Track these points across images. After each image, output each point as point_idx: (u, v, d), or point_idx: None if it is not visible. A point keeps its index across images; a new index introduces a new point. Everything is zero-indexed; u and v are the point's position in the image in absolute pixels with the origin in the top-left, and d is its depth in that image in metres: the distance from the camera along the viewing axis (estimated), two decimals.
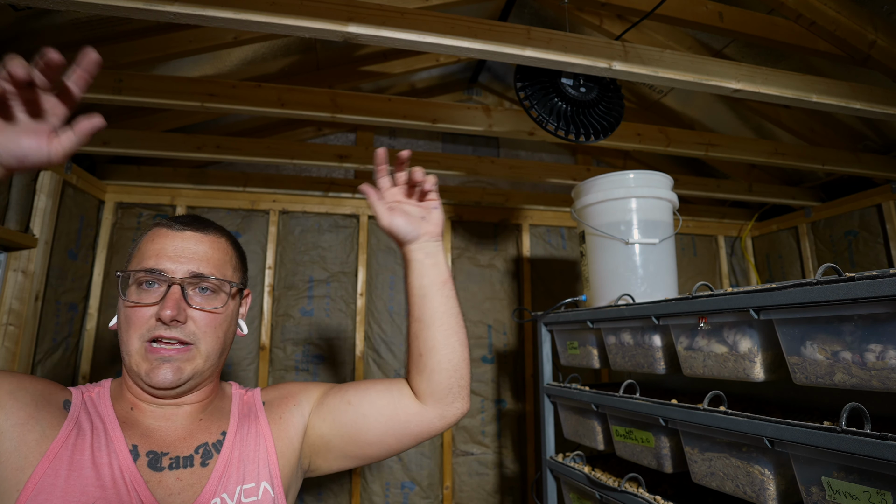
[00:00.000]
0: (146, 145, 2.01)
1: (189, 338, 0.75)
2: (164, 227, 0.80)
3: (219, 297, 0.80)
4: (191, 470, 0.74)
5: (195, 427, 0.79)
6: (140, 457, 0.71)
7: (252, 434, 0.81)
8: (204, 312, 0.77)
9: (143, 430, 0.75)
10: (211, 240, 0.82)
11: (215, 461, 0.76)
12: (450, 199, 2.66)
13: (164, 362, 0.73)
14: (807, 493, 0.83)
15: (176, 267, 0.76)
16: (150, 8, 1.08)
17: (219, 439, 0.79)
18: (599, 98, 1.55)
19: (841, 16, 1.63)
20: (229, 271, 0.83)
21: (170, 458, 0.73)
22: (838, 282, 0.78)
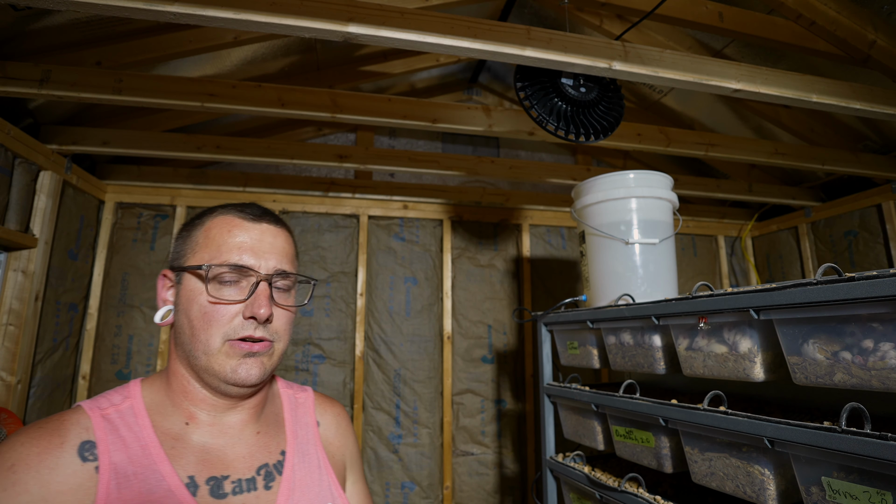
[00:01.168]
0: (146, 145, 2.01)
1: (272, 336, 0.70)
2: (236, 217, 0.72)
3: (292, 294, 0.76)
4: (255, 494, 0.68)
5: (253, 443, 0.73)
6: (199, 488, 0.64)
7: (312, 457, 0.77)
8: (284, 310, 0.72)
9: (197, 453, 0.67)
10: (284, 234, 0.76)
11: (279, 484, 0.70)
12: (450, 199, 2.66)
13: (250, 358, 0.68)
14: (807, 493, 0.83)
15: (262, 263, 0.70)
16: (150, 8, 1.08)
17: (279, 459, 0.73)
18: (599, 98, 1.55)
19: (841, 16, 1.63)
20: (297, 266, 0.79)
21: (231, 482, 0.67)
22: (838, 282, 0.78)
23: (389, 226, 2.61)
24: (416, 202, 2.63)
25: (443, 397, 2.46)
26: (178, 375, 0.70)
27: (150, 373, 2.22)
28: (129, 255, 2.29)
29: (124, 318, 2.24)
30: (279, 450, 0.74)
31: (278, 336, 0.71)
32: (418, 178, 2.84)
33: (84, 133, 1.95)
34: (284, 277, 0.72)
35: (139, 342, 2.24)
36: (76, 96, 1.59)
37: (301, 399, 0.85)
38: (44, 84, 1.56)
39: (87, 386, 2.13)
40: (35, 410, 1.86)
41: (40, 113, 1.91)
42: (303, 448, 0.77)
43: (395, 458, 2.37)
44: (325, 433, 0.83)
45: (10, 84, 1.54)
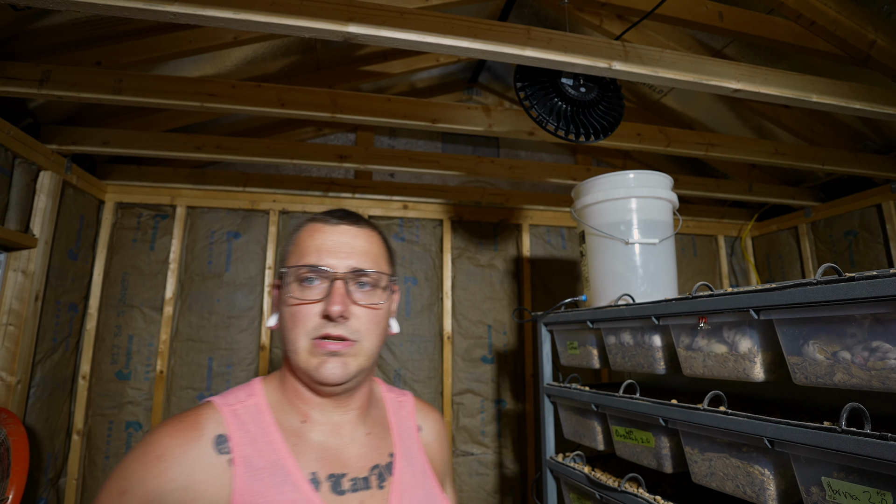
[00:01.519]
0: (146, 145, 2.01)
1: (353, 335, 0.71)
2: (319, 223, 0.76)
3: (377, 292, 0.75)
4: (370, 492, 0.71)
5: (365, 443, 0.76)
6: (321, 483, 0.68)
7: (416, 461, 0.80)
8: (366, 308, 0.73)
9: (316, 450, 0.71)
10: (366, 234, 0.77)
11: (390, 484, 0.74)
12: (450, 199, 2.66)
13: (332, 357, 0.70)
14: (807, 493, 0.83)
15: (337, 262, 0.72)
16: (150, 8, 1.08)
17: (389, 461, 0.77)
18: (599, 98, 1.55)
19: (841, 16, 1.63)
20: (384, 265, 0.78)
21: (349, 480, 0.71)
22: (838, 282, 0.78)
23: (389, 226, 2.61)
24: (416, 202, 2.63)
25: (443, 397, 2.46)
26: (289, 375, 0.75)
27: (151, 373, 2.22)
28: (129, 255, 2.29)
29: (124, 318, 2.24)
30: (388, 451, 0.78)
31: (360, 334, 0.72)
32: (418, 178, 2.84)
33: (84, 133, 1.95)
34: (362, 276, 0.73)
35: (139, 342, 2.24)
36: (76, 96, 1.59)
37: (402, 403, 0.87)
38: (44, 84, 1.56)
39: (86, 386, 2.13)
40: (35, 410, 1.86)
41: (40, 113, 1.91)
42: (408, 451, 0.80)
43: None
44: (426, 438, 0.85)
45: (10, 84, 1.53)
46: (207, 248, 2.39)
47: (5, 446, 1.39)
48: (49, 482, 1.94)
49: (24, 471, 1.36)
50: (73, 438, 2.08)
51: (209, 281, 2.35)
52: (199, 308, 2.32)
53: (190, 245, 2.38)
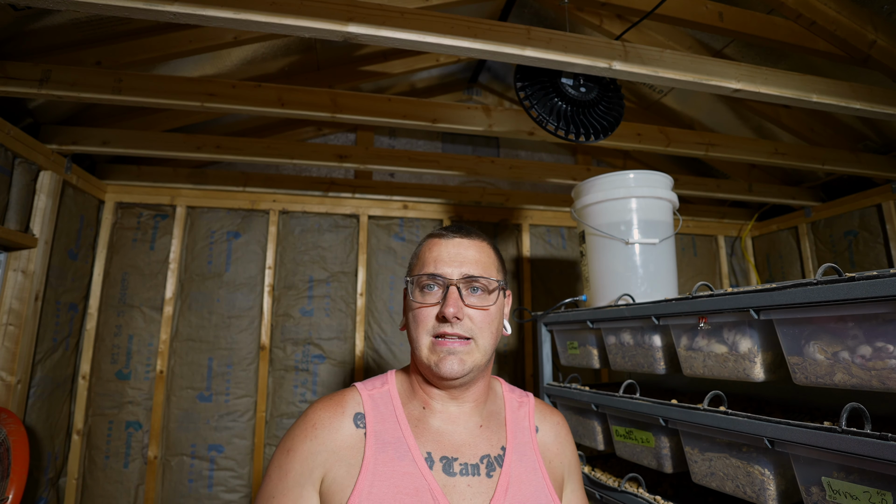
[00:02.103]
0: (146, 145, 2.01)
1: (468, 333, 0.81)
2: (436, 237, 0.89)
3: (489, 295, 0.85)
4: (478, 479, 0.79)
5: (478, 434, 0.84)
6: (434, 463, 0.78)
7: (527, 456, 0.85)
8: (478, 310, 0.82)
9: (434, 435, 0.81)
10: (477, 245, 0.88)
11: (499, 475, 0.80)
12: (450, 199, 2.66)
13: (450, 354, 0.79)
14: (807, 493, 0.83)
15: (451, 270, 0.83)
16: (150, 8, 1.08)
17: (500, 454, 0.83)
18: (599, 98, 1.55)
19: (841, 16, 1.63)
20: (494, 272, 0.87)
21: (460, 464, 0.79)
22: (838, 282, 0.78)
23: (389, 226, 2.61)
24: (416, 202, 2.63)
25: None
26: (414, 369, 0.87)
27: (151, 373, 2.22)
28: (129, 255, 2.29)
29: (124, 317, 2.24)
30: (500, 445, 0.84)
31: (475, 332, 0.81)
32: (418, 178, 2.84)
33: (84, 133, 1.95)
34: (474, 280, 0.83)
35: (139, 342, 2.24)
36: (76, 96, 1.59)
37: (523, 403, 0.93)
38: (44, 84, 1.56)
39: (86, 386, 2.13)
40: (35, 410, 1.86)
41: (40, 113, 1.91)
42: (521, 448, 0.86)
43: None
44: (543, 439, 0.90)
45: (10, 84, 1.53)
46: (207, 248, 2.39)
47: (5, 446, 1.39)
48: (49, 482, 1.94)
49: (24, 470, 1.36)
50: (73, 438, 2.08)
51: (209, 281, 2.35)
52: (199, 308, 2.32)
53: (190, 245, 2.38)
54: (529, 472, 0.83)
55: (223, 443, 2.22)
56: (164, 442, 2.18)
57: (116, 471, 2.12)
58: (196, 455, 2.19)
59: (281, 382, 2.34)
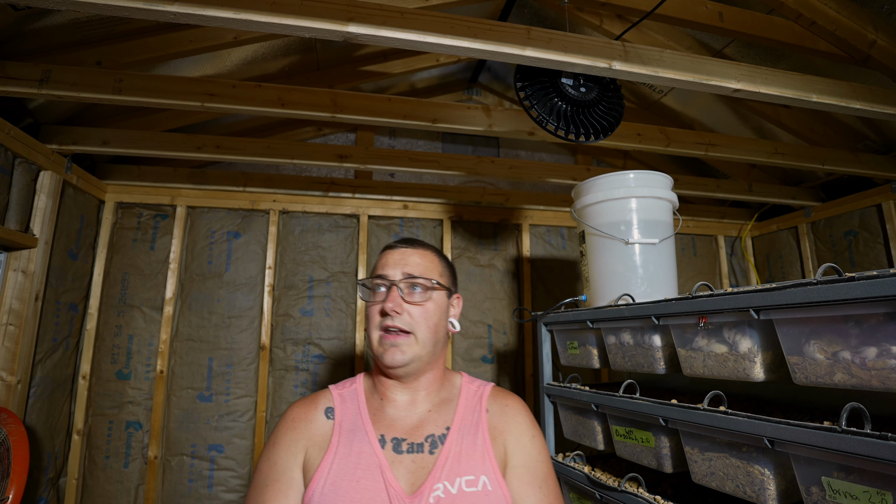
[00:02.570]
0: (146, 145, 2.01)
1: (407, 327, 0.94)
2: (387, 248, 1.04)
3: (426, 292, 0.97)
4: (421, 455, 0.91)
5: (426, 418, 0.97)
6: (386, 443, 0.92)
7: (471, 433, 0.96)
8: (416, 306, 0.95)
9: (388, 421, 0.96)
10: (420, 252, 1.02)
11: (440, 451, 0.92)
12: (450, 199, 2.66)
13: (393, 346, 0.93)
14: (807, 493, 0.83)
15: (394, 272, 0.97)
16: (150, 8, 1.08)
17: (443, 433, 0.95)
18: (599, 98, 1.55)
19: (841, 16, 1.63)
20: (435, 275, 1.00)
21: (407, 444, 0.93)
22: (838, 282, 0.78)
23: (389, 226, 2.61)
24: (416, 202, 2.63)
25: None
26: (376, 368, 1.02)
27: (151, 373, 2.22)
28: (129, 255, 2.29)
29: (124, 317, 2.24)
30: (445, 426, 0.96)
31: (414, 326, 0.94)
32: (418, 178, 2.84)
33: (84, 133, 1.95)
34: (414, 279, 0.97)
35: (139, 342, 2.24)
36: (76, 96, 1.59)
37: (479, 390, 1.05)
38: (44, 84, 1.56)
39: (87, 386, 2.13)
40: (35, 410, 1.86)
41: (40, 113, 1.91)
42: (467, 427, 0.97)
43: None
44: (492, 419, 1.00)
45: (10, 84, 1.53)
46: (207, 248, 2.39)
47: (5, 446, 1.39)
48: (49, 482, 1.94)
49: (24, 470, 1.36)
50: (73, 438, 2.09)
51: (209, 281, 2.35)
52: (199, 308, 2.32)
53: (190, 245, 2.38)
54: (472, 448, 0.93)
55: (223, 443, 2.22)
56: (165, 442, 2.18)
57: (116, 471, 2.12)
58: (196, 455, 2.19)
59: (281, 382, 2.34)
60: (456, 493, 0.87)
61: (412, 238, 1.06)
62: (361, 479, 0.87)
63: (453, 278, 1.07)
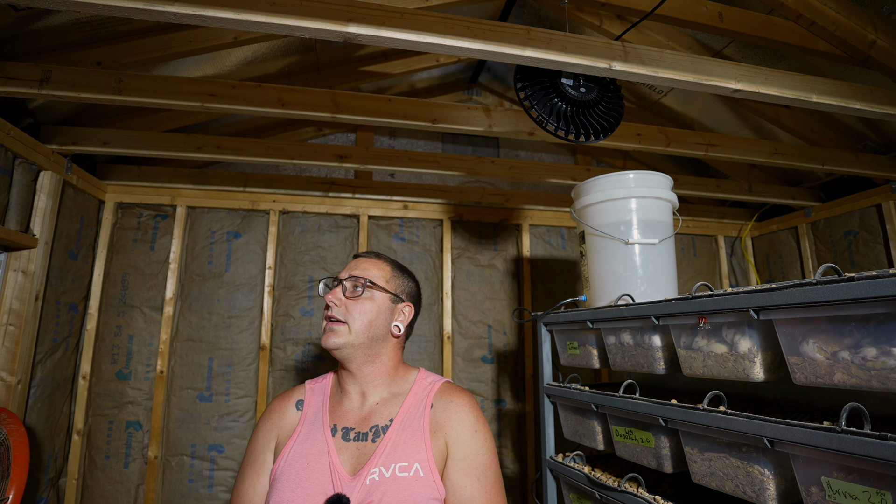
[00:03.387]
0: (146, 145, 2.01)
1: (341, 317, 1.09)
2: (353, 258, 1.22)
3: (366, 291, 1.12)
4: (364, 443, 1.03)
5: (374, 410, 1.09)
6: (337, 431, 1.06)
7: (413, 425, 1.06)
8: (352, 300, 1.10)
9: (342, 412, 1.10)
10: (373, 261, 1.18)
11: (381, 440, 1.03)
12: (450, 199, 2.66)
13: (329, 331, 1.09)
14: (807, 493, 0.84)
15: (344, 273, 1.15)
16: (150, 8, 1.08)
17: (386, 424, 1.06)
18: (599, 98, 1.55)
19: (841, 16, 1.63)
20: (380, 280, 1.15)
21: (354, 433, 1.05)
22: (838, 282, 0.78)
23: (389, 226, 2.61)
24: (416, 202, 2.64)
25: None
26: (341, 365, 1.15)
27: (151, 373, 2.22)
28: (130, 255, 2.29)
29: (124, 318, 2.24)
30: (389, 417, 1.08)
31: (348, 317, 1.09)
32: (418, 178, 2.84)
33: (84, 133, 1.95)
34: (356, 280, 1.13)
35: (139, 342, 2.24)
36: (76, 96, 1.59)
37: (430, 385, 1.15)
38: (44, 84, 1.56)
39: (87, 386, 2.13)
40: (35, 410, 1.86)
41: (40, 113, 1.91)
42: (409, 420, 1.06)
43: None
44: (435, 413, 1.08)
45: (10, 84, 1.54)
46: (207, 249, 2.39)
47: (5, 446, 1.39)
48: (49, 482, 1.94)
49: (24, 470, 1.36)
50: (73, 438, 2.09)
51: (209, 281, 2.35)
52: (200, 308, 2.32)
53: (190, 245, 2.38)
54: (411, 438, 1.03)
55: (223, 443, 2.22)
56: (165, 442, 2.18)
57: (116, 471, 2.12)
58: (196, 455, 2.19)
59: (281, 382, 2.34)
60: (389, 477, 0.97)
61: (375, 252, 1.23)
62: (311, 462, 1.01)
63: (406, 290, 1.20)
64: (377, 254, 1.22)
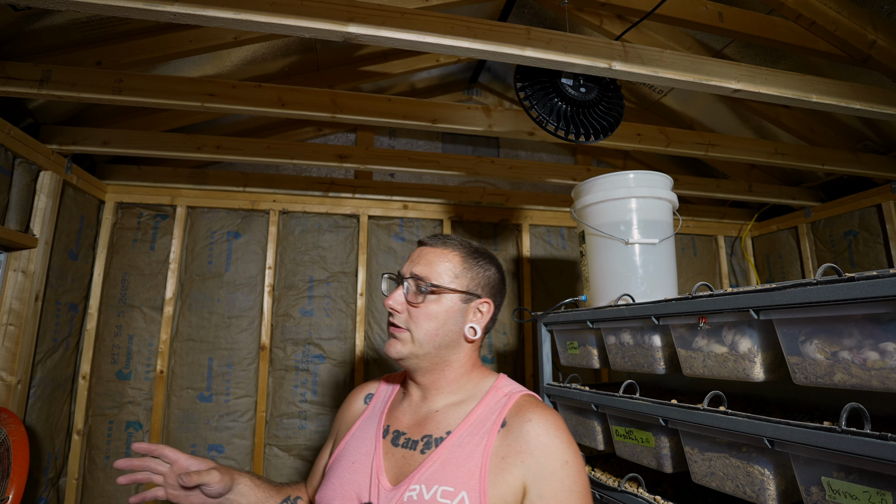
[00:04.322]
0: (146, 145, 2.01)
1: (403, 324, 0.94)
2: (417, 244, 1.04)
3: (431, 295, 0.94)
4: (412, 453, 0.90)
5: (431, 418, 0.94)
6: (388, 433, 0.95)
7: (472, 445, 0.86)
8: (413, 306, 0.94)
9: (398, 414, 0.99)
10: (439, 252, 0.98)
11: (430, 453, 0.87)
12: (450, 199, 2.66)
13: (392, 338, 0.96)
14: (807, 493, 0.84)
15: (406, 269, 0.98)
16: (150, 8, 1.08)
17: (441, 437, 0.89)
18: (599, 98, 1.55)
19: (841, 16, 1.63)
20: (446, 278, 0.95)
21: (404, 438, 0.93)
22: (838, 282, 0.78)
23: (389, 226, 2.61)
24: (416, 202, 2.63)
25: None
26: None
27: (151, 373, 2.22)
28: (130, 255, 2.29)
29: (124, 318, 2.24)
30: (447, 429, 0.91)
31: (410, 325, 0.94)
32: (418, 178, 2.84)
33: (84, 133, 1.95)
34: (418, 280, 0.94)
35: (139, 342, 2.24)
36: (76, 96, 1.59)
37: (502, 399, 0.93)
38: (44, 84, 1.56)
39: (87, 386, 2.13)
40: (35, 410, 1.86)
41: (40, 113, 1.91)
42: (470, 437, 0.88)
43: None
44: (506, 435, 0.86)
45: (10, 84, 1.54)
46: (207, 248, 2.39)
47: (5, 446, 1.39)
48: (49, 482, 1.94)
49: (24, 470, 1.36)
50: (73, 438, 2.09)
51: (209, 281, 2.35)
52: (199, 308, 2.32)
53: (190, 245, 2.38)
54: (465, 459, 0.84)
55: (223, 443, 2.22)
56: (165, 442, 2.18)
57: (117, 471, 2.12)
58: (196, 455, 2.19)
59: (281, 382, 2.34)
60: (428, 499, 0.80)
61: (445, 236, 1.01)
62: (356, 462, 0.93)
63: (482, 282, 0.98)
64: (445, 239, 1.00)
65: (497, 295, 1.01)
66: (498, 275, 1.02)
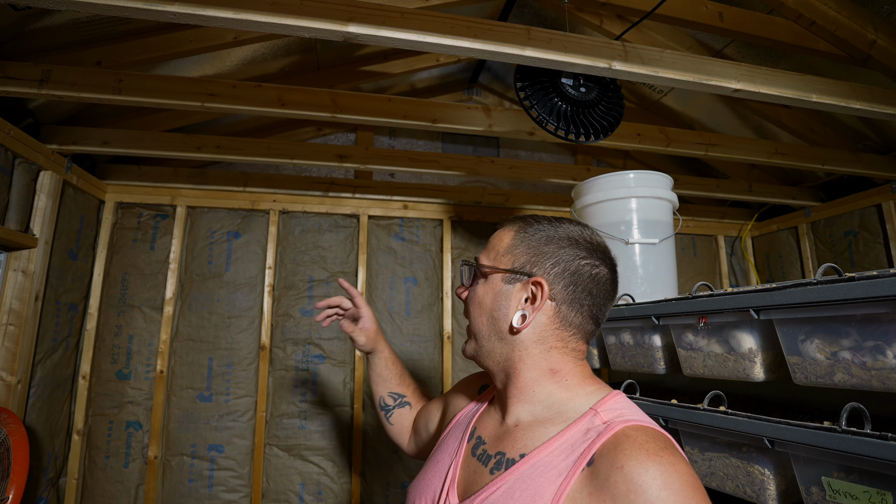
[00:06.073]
0: (146, 145, 2.01)
1: (467, 317, 0.86)
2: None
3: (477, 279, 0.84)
4: (483, 468, 0.77)
5: (510, 433, 0.78)
6: (472, 439, 0.85)
7: (542, 482, 0.67)
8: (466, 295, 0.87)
9: (487, 420, 0.87)
10: (501, 231, 0.87)
11: (497, 476, 0.72)
12: (450, 199, 2.66)
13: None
14: (807, 493, 0.84)
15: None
16: (150, 8, 1.08)
17: (513, 459, 0.73)
18: (599, 98, 1.55)
19: (841, 16, 1.63)
20: (491, 256, 0.83)
21: (482, 449, 0.81)
22: (838, 282, 0.78)
23: (389, 226, 2.61)
24: (416, 202, 2.63)
25: None
26: None
27: (151, 373, 2.22)
28: (130, 255, 2.29)
29: (124, 318, 2.24)
30: (521, 452, 0.73)
31: (469, 319, 0.85)
32: (418, 178, 2.84)
33: (84, 133, 1.95)
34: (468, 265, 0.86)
35: (139, 342, 2.24)
36: (76, 96, 1.59)
37: (597, 428, 0.69)
38: (44, 84, 1.56)
39: (87, 386, 2.13)
40: (35, 410, 1.86)
41: (40, 113, 1.91)
42: (544, 471, 0.68)
43: (395, 457, 2.38)
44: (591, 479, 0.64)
45: (10, 84, 1.53)
46: (207, 248, 2.39)
47: (5, 446, 1.39)
48: (49, 482, 1.94)
49: (24, 470, 1.36)
50: (73, 438, 2.09)
51: (209, 281, 2.35)
52: (199, 308, 2.32)
53: (190, 245, 2.38)
54: (530, 496, 0.66)
55: (223, 443, 2.22)
56: (165, 442, 2.18)
57: (116, 471, 2.12)
58: (196, 455, 2.19)
59: (281, 382, 2.34)
60: None
61: (517, 217, 0.87)
62: (440, 462, 0.86)
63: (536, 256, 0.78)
64: (514, 218, 0.86)
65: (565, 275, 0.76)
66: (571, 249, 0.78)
